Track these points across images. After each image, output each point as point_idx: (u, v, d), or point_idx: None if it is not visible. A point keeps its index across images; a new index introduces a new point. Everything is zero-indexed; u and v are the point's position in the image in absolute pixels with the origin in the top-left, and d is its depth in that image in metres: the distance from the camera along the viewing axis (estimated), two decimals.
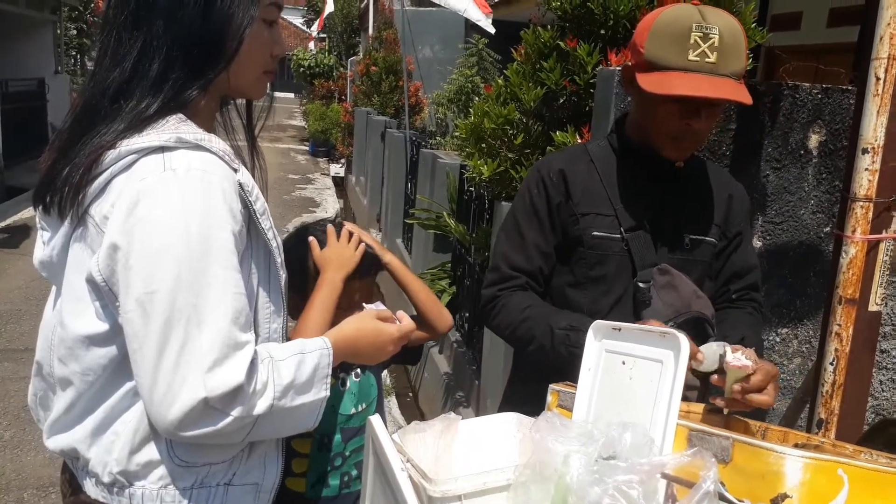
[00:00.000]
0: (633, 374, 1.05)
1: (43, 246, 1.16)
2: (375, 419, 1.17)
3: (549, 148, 2.89)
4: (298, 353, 1.11)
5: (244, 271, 1.07)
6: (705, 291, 1.56)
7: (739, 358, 1.22)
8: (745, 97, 1.37)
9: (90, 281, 1.05)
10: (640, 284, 1.47)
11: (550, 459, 0.89)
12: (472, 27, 8.24)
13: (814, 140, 2.48)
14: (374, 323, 1.25)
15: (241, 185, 1.08)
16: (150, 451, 1.09)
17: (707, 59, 1.35)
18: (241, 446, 1.14)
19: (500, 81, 3.19)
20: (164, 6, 1.07)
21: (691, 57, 1.35)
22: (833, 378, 1.81)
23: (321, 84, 17.53)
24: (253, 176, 1.17)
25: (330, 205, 10.51)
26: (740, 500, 0.78)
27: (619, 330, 1.12)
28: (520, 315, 1.51)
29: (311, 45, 20.22)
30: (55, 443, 1.17)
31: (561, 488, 0.86)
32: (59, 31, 13.20)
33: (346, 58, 17.09)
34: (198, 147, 1.05)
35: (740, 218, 1.64)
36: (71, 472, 1.20)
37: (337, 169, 13.42)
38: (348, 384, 1.56)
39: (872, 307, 1.79)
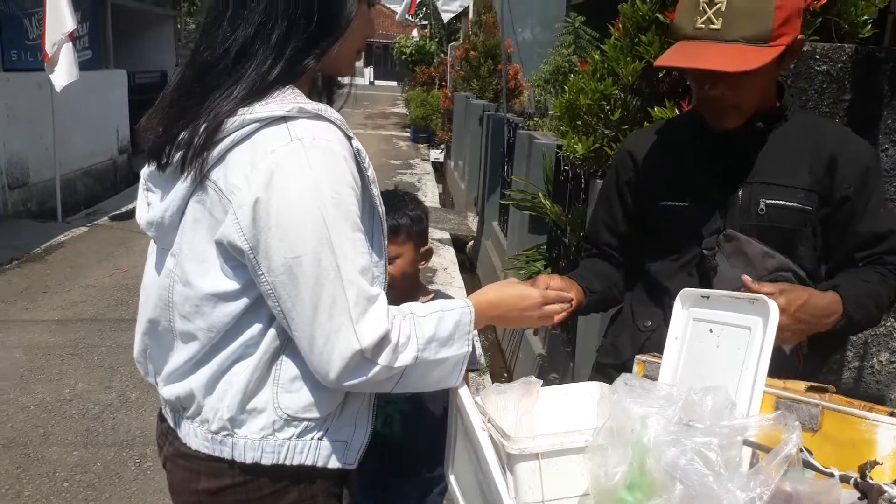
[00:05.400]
0: (720, 342, 1.02)
1: (148, 207, 1.22)
2: (463, 390, 1.19)
3: (646, 123, 2.81)
4: (439, 311, 1.17)
5: None
6: (806, 260, 1.46)
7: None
8: (742, 64, 1.27)
9: (220, 244, 1.11)
10: (705, 251, 1.45)
11: (628, 421, 0.88)
12: (571, 6, 8.05)
13: None
14: (517, 287, 1.28)
15: (357, 151, 1.13)
16: (258, 401, 1.16)
17: (711, 26, 1.31)
18: (337, 402, 1.19)
19: (596, 57, 3.12)
20: None
21: (698, 24, 1.32)
22: None
23: (422, 71, 17.74)
24: None
25: (429, 189, 10.64)
26: (827, 468, 0.75)
27: (708, 298, 1.09)
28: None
29: (415, 32, 20.48)
30: (172, 390, 1.23)
31: (639, 450, 0.85)
32: (178, 26, 14.02)
33: (447, 43, 17.18)
34: (318, 116, 1.09)
35: (849, 182, 1.45)
36: (168, 424, 1.27)
37: (436, 154, 13.57)
38: None
39: None
